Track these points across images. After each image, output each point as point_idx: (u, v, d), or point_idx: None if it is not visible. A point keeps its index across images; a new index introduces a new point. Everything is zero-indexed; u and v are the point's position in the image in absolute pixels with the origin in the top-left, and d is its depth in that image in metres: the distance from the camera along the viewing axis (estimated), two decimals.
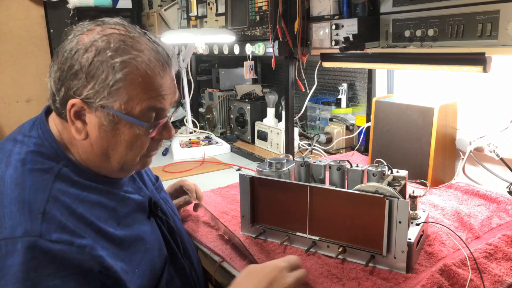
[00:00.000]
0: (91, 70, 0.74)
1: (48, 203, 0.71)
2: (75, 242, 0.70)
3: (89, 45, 0.75)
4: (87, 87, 0.75)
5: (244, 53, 1.64)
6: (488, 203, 1.25)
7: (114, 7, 2.94)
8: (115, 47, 0.75)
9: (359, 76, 2.00)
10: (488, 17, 1.02)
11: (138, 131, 0.80)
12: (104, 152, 0.80)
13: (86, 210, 0.76)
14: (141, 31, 0.82)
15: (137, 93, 0.77)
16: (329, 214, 0.98)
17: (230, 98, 2.32)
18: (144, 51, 0.78)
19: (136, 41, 0.78)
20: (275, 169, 1.10)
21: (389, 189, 0.90)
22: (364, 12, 1.32)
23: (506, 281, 0.88)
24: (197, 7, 2.11)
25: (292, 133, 1.62)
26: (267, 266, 0.81)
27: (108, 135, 0.79)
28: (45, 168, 0.75)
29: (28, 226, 0.68)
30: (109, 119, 0.77)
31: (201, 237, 1.12)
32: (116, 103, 0.76)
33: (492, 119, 1.40)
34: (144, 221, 0.89)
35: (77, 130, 0.78)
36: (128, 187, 0.90)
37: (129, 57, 0.76)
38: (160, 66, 0.79)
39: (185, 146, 2.00)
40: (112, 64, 0.75)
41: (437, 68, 1.18)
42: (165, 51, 0.82)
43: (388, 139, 1.52)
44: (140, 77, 0.76)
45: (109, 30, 0.77)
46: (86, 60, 0.74)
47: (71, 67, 0.75)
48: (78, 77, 0.75)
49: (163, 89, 0.80)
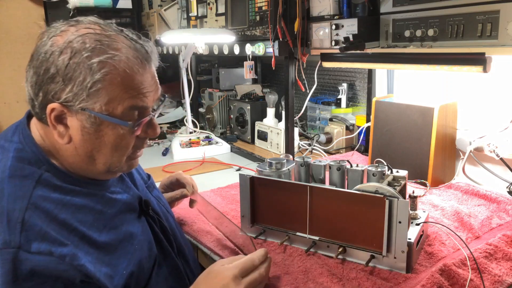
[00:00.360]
0: (68, 72, 0.73)
1: (27, 211, 0.70)
2: (55, 252, 0.69)
3: (64, 46, 0.73)
4: (65, 90, 0.73)
5: (244, 53, 1.64)
6: (488, 203, 1.25)
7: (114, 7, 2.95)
8: (91, 47, 0.73)
9: (359, 76, 2.00)
10: (488, 17, 1.02)
11: (122, 131, 0.78)
12: (89, 154, 0.79)
13: (70, 215, 0.74)
14: (117, 28, 0.80)
15: (117, 93, 0.75)
16: (329, 214, 0.98)
17: (230, 98, 2.32)
18: (121, 50, 0.76)
19: (112, 39, 0.76)
20: (275, 169, 1.10)
21: (389, 189, 0.90)
22: (364, 12, 1.32)
23: (506, 281, 0.88)
24: (197, 7, 2.11)
25: (292, 133, 1.62)
26: (222, 271, 0.81)
27: (92, 137, 0.77)
28: (25, 175, 0.74)
29: (7, 236, 0.67)
30: (91, 121, 0.76)
31: (201, 237, 1.12)
32: (97, 104, 0.74)
33: (492, 119, 1.40)
34: (134, 221, 0.88)
35: (59, 134, 0.77)
36: (116, 187, 0.89)
37: (106, 57, 0.74)
38: (139, 63, 0.78)
39: (185, 146, 2.00)
40: (89, 65, 0.73)
41: (437, 68, 1.18)
42: (143, 47, 0.80)
43: (388, 139, 1.52)
44: (119, 76, 0.75)
45: (84, 30, 0.75)
46: (62, 63, 0.73)
47: (47, 71, 0.73)
48: (55, 81, 0.73)
49: (144, 87, 0.78)
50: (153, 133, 0.85)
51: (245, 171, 1.12)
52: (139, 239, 0.86)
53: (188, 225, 1.19)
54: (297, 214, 1.02)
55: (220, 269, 0.82)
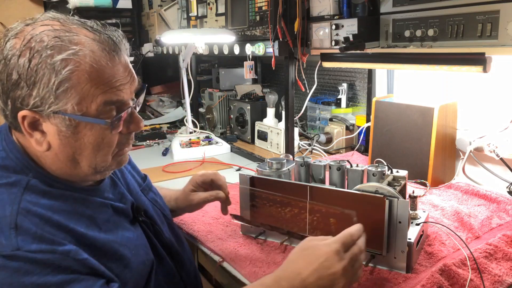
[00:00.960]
0: (31, 75, 0.68)
1: (18, 215, 0.67)
2: (57, 250, 0.67)
3: (22, 48, 0.68)
4: (32, 95, 0.69)
5: (244, 53, 1.64)
6: (488, 203, 1.25)
7: (114, 7, 2.94)
8: (50, 45, 0.68)
9: (359, 76, 2.00)
10: (488, 17, 1.02)
11: (101, 129, 0.74)
12: (71, 158, 0.75)
13: (63, 218, 0.71)
14: (79, 21, 0.75)
15: (87, 90, 0.70)
16: (329, 214, 0.98)
17: (230, 98, 2.32)
18: (84, 43, 0.71)
19: (73, 33, 0.71)
20: (275, 169, 1.10)
21: (389, 189, 0.90)
22: (364, 12, 1.32)
23: (506, 281, 0.88)
24: (197, 7, 2.11)
25: (292, 133, 1.62)
26: (320, 247, 0.75)
27: (71, 140, 0.73)
28: (11, 182, 0.71)
29: (3, 241, 0.64)
30: (66, 124, 0.71)
31: (201, 237, 1.12)
32: (68, 105, 0.70)
33: (492, 119, 1.40)
34: (128, 226, 0.85)
35: (37, 142, 0.73)
36: (109, 193, 0.85)
37: (69, 53, 0.69)
38: (106, 55, 0.72)
39: (185, 146, 2.00)
40: (52, 65, 0.68)
41: (437, 68, 1.18)
42: (110, 38, 0.74)
43: (388, 139, 1.52)
44: (85, 73, 0.70)
45: (41, 28, 0.70)
46: (23, 66, 0.68)
47: (9, 77, 0.69)
48: (20, 86, 0.69)
49: (117, 79, 0.73)
50: (136, 127, 0.80)
51: (245, 171, 1.12)
52: (135, 244, 0.83)
53: (188, 225, 1.19)
54: (297, 214, 1.02)
55: (318, 244, 0.76)
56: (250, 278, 0.93)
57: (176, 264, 0.95)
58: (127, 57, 0.78)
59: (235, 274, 0.96)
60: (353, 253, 0.76)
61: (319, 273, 0.72)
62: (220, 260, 1.01)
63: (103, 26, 0.76)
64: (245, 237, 1.11)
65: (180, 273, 0.95)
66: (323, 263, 0.73)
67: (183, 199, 1.12)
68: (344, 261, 0.74)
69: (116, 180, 0.90)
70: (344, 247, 0.76)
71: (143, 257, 0.84)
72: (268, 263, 0.98)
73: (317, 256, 0.74)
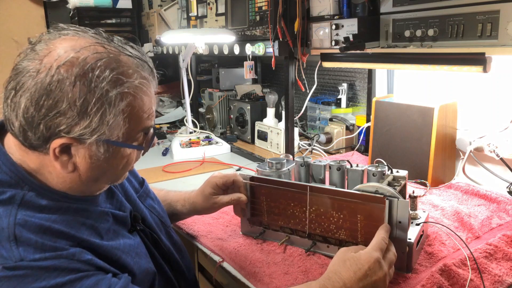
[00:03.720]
0: (85, 107, 0.66)
1: (16, 226, 0.64)
2: (62, 254, 0.65)
3: (74, 75, 0.65)
4: (79, 125, 0.67)
5: (244, 53, 1.64)
6: (488, 203, 1.25)
7: (114, 7, 2.94)
8: (108, 79, 0.67)
9: (359, 76, 2.00)
10: (488, 17, 1.02)
11: (134, 153, 0.76)
12: (94, 179, 0.74)
13: (64, 227, 0.69)
14: (119, 45, 0.73)
15: (135, 120, 0.72)
16: (329, 214, 0.98)
17: (230, 98, 2.32)
18: (133, 75, 0.71)
19: (123, 64, 0.70)
20: (275, 169, 1.10)
21: (389, 189, 0.90)
22: (364, 12, 1.32)
23: (506, 281, 0.88)
24: (197, 7, 2.11)
25: (292, 133, 1.62)
26: (361, 256, 0.80)
27: (102, 163, 0.72)
28: (5, 199, 0.67)
29: (5, 253, 0.62)
30: (105, 149, 0.71)
31: (201, 237, 1.12)
32: (114, 134, 0.70)
33: (492, 119, 1.40)
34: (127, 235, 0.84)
35: (62, 164, 0.70)
36: (106, 203, 0.84)
37: (124, 87, 0.69)
38: (147, 84, 0.73)
39: (185, 146, 2.00)
40: (109, 99, 0.67)
41: (437, 68, 1.18)
42: (146, 63, 0.75)
43: (388, 139, 1.52)
44: (137, 105, 0.71)
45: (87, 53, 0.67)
46: (78, 97, 0.65)
47: (54, 104, 0.65)
48: (67, 115, 0.66)
49: (151, 107, 0.75)
50: (153, 144, 0.83)
51: (245, 171, 1.12)
52: (136, 252, 0.82)
53: (188, 225, 1.19)
54: (297, 214, 1.02)
55: (358, 254, 0.81)
56: (250, 278, 0.93)
57: (175, 273, 0.94)
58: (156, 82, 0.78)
59: (235, 274, 0.96)
60: (390, 260, 0.83)
61: (364, 282, 0.77)
62: (220, 260, 1.01)
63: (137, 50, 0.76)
64: (245, 237, 1.11)
65: (179, 282, 0.94)
66: (367, 272, 0.78)
67: (203, 202, 1.08)
68: (385, 268, 0.80)
69: (114, 189, 0.88)
70: (382, 253, 0.81)
71: (145, 265, 0.83)
72: (268, 263, 0.98)
73: (359, 266, 0.79)
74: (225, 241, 1.09)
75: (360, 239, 0.94)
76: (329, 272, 0.80)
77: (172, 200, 1.12)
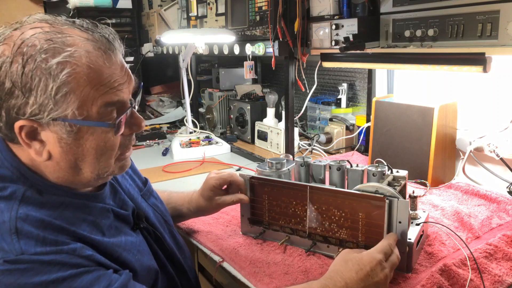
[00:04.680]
0: (26, 82, 0.65)
1: (17, 220, 0.65)
2: (63, 249, 0.65)
3: (14, 54, 0.65)
4: (28, 104, 0.66)
5: (244, 53, 1.64)
6: (488, 203, 1.25)
7: (114, 7, 2.95)
8: (44, 49, 0.65)
9: (359, 76, 2.00)
10: (488, 17, 1.02)
11: (103, 133, 0.72)
12: (73, 166, 0.72)
13: (65, 223, 0.69)
14: (68, 21, 0.72)
15: (87, 93, 0.68)
16: (329, 214, 0.98)
17: (230, 98, 2.32)
18: (78, 44, 0.67)
19: (66, 34, 0.68)
20: (275, 169, 1.10)
21: (389, 189, 0.90)
22: (364, 12, 1.32)
23: (506, 281, 0.88)
24: (197, 7, 2.11)
25: (292, 133, 1.62)
26: (363, 257, 0.81)
27: (72, 147, 0.70)
28: (6, 195, 0.68)
29: (6, 246, 0.62)
30: (67, 130, 0.68)
31: (201, 237, 1.12)
32: (68, 111, 0.67)
33: (492, 119, 1.40)
34: (130, 232, 0.84)
35: (36, 152, 0.70)
36: (110, 200, 0.83)
37: (64, 56, 0.66)
38: (103, 55, 0.70)
39: (185, 146, 2.00)
40: (48, 69, 0.65)
41: (437, 68, 1.18)
42: (103, 36, 0.71)
43: (388, 139, 1.52)
44: (84, 75, 0.67)
45: (30, 31, 0.67)
46: (16, 73, 0.64)
47: (2, 86, 0.65)
48: (15, 95, 0.65)
49: (115, 79, 0.71)
50: (138, 127, 0.78)
51: (245, 171, 1.12)
52: (138, 249, 0.82)
53: (188, 225, 1.19)
54: (297, 214, 1.02)
55: (359, 256, 0.82)
56: (250, 278, 0.93)
57: (177, 272, 0.94)
58: (121, 56, 0.75)
59: (235, 274, 0.96)
60: (393, 262, 0.83)
61: (365, 283, 0.78)
62: (220, 260, 1.01)
63: (93, 24, 0.73)
64: (245, 237, 1.11)
65: (181, 282, 0.94)
66: (369, 273, 0.79)
67: (207, 204, 1.09)
68: (386, 270, 0.81)
69: (117, 187, 0.88)
70: (385, 256, 0.82)
71: (147, 263, 0.83)
72: (268, 263, 0.98)
73: (361, 267, 0.79)
74: (225, 241, 1.09)
75: (361, 238, 0.94)
76: (330, 272, 0.81)
77: (177, 203, 1.13)
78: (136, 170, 1.03)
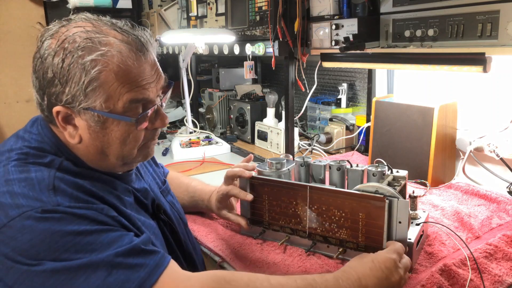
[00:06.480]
0: (64, 74, 0.74)
1: (55, 179, 0.73)
2: (92, 206, 0.73)
3: (57, 49, 0.74)
4: (64, 92, 0.75)
5: (244, 53, 1.64)
6: (488, 203, 1.25)
7: (114, 7, 2.94)
8: (82, 47, 0.74)
9: (359, 76, 2.00)
10: (488, 17, 1.02)
11: (127, 126, 0.79)
12: (100, 151, 0.80)
13: (95, 189, 0.77)
14: (110, 22, 0.80)
15: (114, 89, 0.75)
16: (329, 214, 0.98)
17: (230, 98, 2.32)
18: (112, 45, 0.76)
19: (103, 35, 0.76)
20: (275, 169, 1.10)
21: (389, 189, 0.90)
22: (364, 12, 1.32)
23: (506, 281, 0.88)
24: (197, 7, 2.11)
25: (292, 133, 1.62)
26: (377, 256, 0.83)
27: (99, 135, 0.79)
28: (45, 162, 0.76)
29: (45, 198, 0.70)
30: (95, 119, 0.77)
31: (201, 237, 1.12)
32: (97, 102, 0.75)
33: (492, 119, 1.40)
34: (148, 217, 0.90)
35: (70, 135, 0.79)
36: (135, 184, 0.91)
37: (97, 54, 0.74)
38: (133, 56, 0.77)
39: (185, 146, 2.00)
40: (83, 65, 0.73)
41: (437, 68, 1.18)
42: (138, 38, 0.79)
43: (388, 139, 1.52)
44: (113, 72, 0.75)
45: (74, 29, 0.76)
46: (57, 65, 0.74)
47: (45, 75, 0.75)
48: (54, 84, 0.75)
49: (142, 79, 0.78)
50: (161, 123, 0.85)
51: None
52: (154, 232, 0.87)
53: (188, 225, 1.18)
54: (297, 214, 1.02)
55: (374, 254, 0.84)
56: None
57: (189, 266, 0.97)
58: (154, 56, 0.83)
59: None
60: (406, 265, 0.84)
61: (380, 281, 0.79)
62: (220, 260, 1.01)
63: (132, 26, 0.82)
64: (245, 237, 1.11)
65: None
66: (384, 271, 0.80)
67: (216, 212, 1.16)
68: (401, 270, 0.82)
69: (140, 178, 0.96)
70: (400, 257, 0.84)
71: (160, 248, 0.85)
72: (268, 263, 0.98)
73: (376, 265, 0.81)
74: (225, 241, 1.09)
75: (361, 238, 0.94)
76: (345, 267, 0.83)
77: (199, 199, 1.21)
78: (159, 170, 1.12)
